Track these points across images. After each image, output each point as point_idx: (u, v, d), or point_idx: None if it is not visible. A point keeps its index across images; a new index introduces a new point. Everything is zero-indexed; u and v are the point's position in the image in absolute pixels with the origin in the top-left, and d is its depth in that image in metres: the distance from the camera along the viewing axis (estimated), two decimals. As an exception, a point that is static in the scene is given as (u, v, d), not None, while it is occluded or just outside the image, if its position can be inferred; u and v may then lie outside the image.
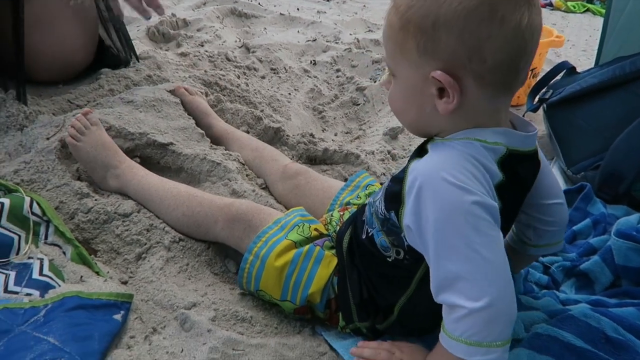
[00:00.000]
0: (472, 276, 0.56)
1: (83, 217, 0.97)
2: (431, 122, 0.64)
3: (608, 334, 0.77)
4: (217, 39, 2.04)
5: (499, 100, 0.62)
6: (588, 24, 3.08)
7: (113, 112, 1.19)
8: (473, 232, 0.56)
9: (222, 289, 0.90)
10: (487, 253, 0.56)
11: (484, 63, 0.57)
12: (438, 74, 0.58)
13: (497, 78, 0.59)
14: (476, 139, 0.61)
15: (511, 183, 0.63)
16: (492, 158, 0.61)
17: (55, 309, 0.74)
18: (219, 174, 1.12)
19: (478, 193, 0.57)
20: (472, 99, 0.60)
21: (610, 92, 1.24)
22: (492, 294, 0.55)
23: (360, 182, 1.02)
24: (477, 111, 0.61)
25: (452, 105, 0.59)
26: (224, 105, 1.41)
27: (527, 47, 0.58)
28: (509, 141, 0.62)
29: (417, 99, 0.63)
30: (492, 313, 0.55)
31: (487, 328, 0.56)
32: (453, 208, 0.57)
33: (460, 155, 0.60)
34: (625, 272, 0.93)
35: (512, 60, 0.58)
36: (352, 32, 2.33)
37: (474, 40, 0.56)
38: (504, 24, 0.56)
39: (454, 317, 0.57)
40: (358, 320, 0.78)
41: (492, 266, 0.56)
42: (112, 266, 0.93)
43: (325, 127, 1.58)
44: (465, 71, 0.58)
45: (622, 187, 1.15)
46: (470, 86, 0.59)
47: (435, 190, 0.58)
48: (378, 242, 0.73)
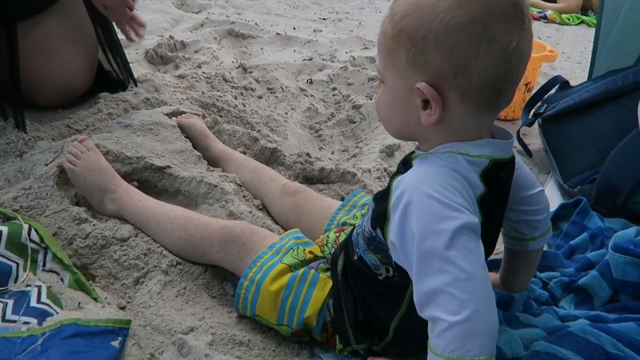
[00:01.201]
0: (451, 290, 0.55)
1: (81, 243, 0.98)
2: (415, 132, 0.66)
3: (608, 350, 0.76)
4: (215, 60, 2.06)
5: (482, 117, 0.62)
6: (583, 36, 3.10)
7: (111, 136, 1.20)
8: (452, 246, 0.56)
9: (220, 312, 0.90)
10: (467, 266, 0.56)
11: (469, 80, 0.58)
12: (423, 85, 0.59)
13: (481, 96, 0.59)
14: (459, 153, 0.62)
15: (494, 193, 0.64)
16: (475, 171, 0.62)
17: (52, 337, 0.74)
18: (215, 196, 1.13)
19: (460, 208, 0.58)
20: (454, 114, 0.61)
21: (603, 106, 1.26)
22: (472, 307, 0.55)
23: (357, 202, 1.03)
24: (460, 126, 0.62)
25: (433, 117, 0.60)
26: (221, 126, 1.42)
27: (513, 70, 0.59)
28: (492, 151, 0.63)
29: (402, 108, 0.64)
30: (472, 326, 0.55)
31: (469, 342, 0.55)
32: (434, 223, 0.57)
33: (443, 170, 0.61)
34: (624, 286, 0.93)
35: (497, 81, 0.59)
36: (348, 50, 2.36)
37: (462, 57, 0.57)
38: (493, 45, 0.56)
39: (436, 331, 0.57)
40: (355, 342, 0.78)
41: (471, 279, 0.56)
42: (110, 291, 0.93)
43: (322, 145, 1.59)
44: (450, 86, 0.59)
45: (618, 200, 1.15)
46: (454, 101, 0.60)
47: (418, 204, 0.58)
48: (368, 261, 0.73)
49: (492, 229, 0.71)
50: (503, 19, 0.56)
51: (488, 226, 0.64)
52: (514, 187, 0.73)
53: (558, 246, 1.11)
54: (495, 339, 0.58)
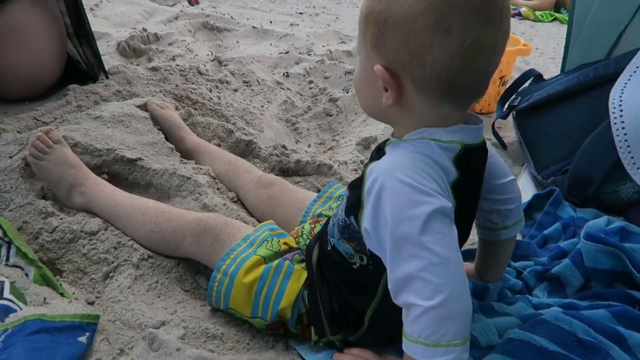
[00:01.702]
0: (425, 274, 0.55)
1: (48, 237, 0.94)
2: (382, 112, 0.65)
3: (580, 337, 0.77)
4: (189, 53, 2.02)
5: (443, 107, 0.61)
6: (556, 33, 3.16)
7: (80, 128, 1.16)
8: (426, 231, 0.56)
9: (193, 306, 0.88)
10: (440, 250, 0.55)
11: (423, 69, 0.57)
12: (378, 68, 0.59)
13: (437, 87, 0.58)
14: (432, 139, 0.61)
15: (467, 178, 0.63)
16: (448, 157, 0.62)
17: (15, 333, 0.71)
18: (189, 189, 1.10)
19: (433, 193, 0.57)
20: (412, 101, 0.61)
21: (575, 98, 1.27)
22: (446, 292, 0.54)
23: (333, 193, 1.02)
24: (421, 113, 0.62)
25: (389, 101, 0.61)
26: (195, 119, 1.40)
27: (471, 65, 0.57)
28: (463, 137, 0.63)
29: (369, 87, 0.64)
30: (446, 310, 0.55)
31: (443, 326, 0.55)
32: (407, 208, 0.56)
33: (416, 156, 0.60)
34: (595, 274, 0.94)
35: (452, 74, 0.57)
36: (324, 44, 2.35)
37: (417, 45, 0.56)
38: (448, 38, 0.55)
39: (411, 317, 0.56)
40: (330, 333, 0.77)
41: (445, 264, 0.55)
42: (78, 287, 0.90)
43: (298, 138, 1.58)
44: (405, 73, 0.59)
45: (590, 190, 1.17)
46: (410, 89, 0.60)
47: (391, 190, 0.58)
48: (342, 250, 0.72)
49: (466, 215, 0.70)
50: (464, 12, 0.55)
51: (462, 212, 0.64)
52: (486, 176, 0.73)
53: (532, 236, 1.12)
54: (469, 323, 0.58)
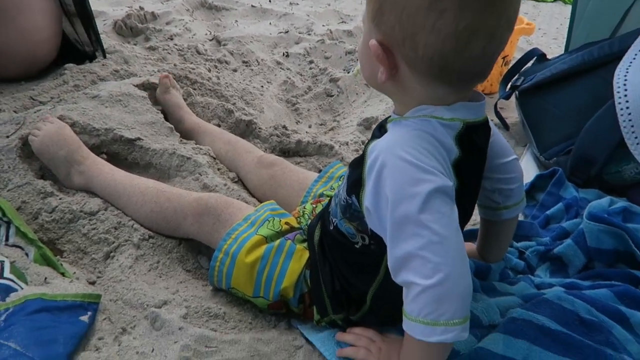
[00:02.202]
0: (425, 253, 0.54)
1: (47, 217, 0.94)
2: (381, 85, 0.64)
3: (582, 316, 0.77)
4: (187, 32, 1.99)
5: (437, 89, 0.60)
6: (559, 13, 3.12)
7: (77, 107, 1.15)
8: (426, 209, 0.55)
9: (195, 286, 0.88)
10: (440, 229, 0.55)
11: (415, 51, 0.56)
12: (373, 43, 0.58)
13: (429, 70, 0.57)
14: (433, 116, 0.60)
15: (469, 156, 0.63)
16: (450, 134, 0.60)
17: (16, 312, 0.71)
18: (189, 169, 1.09)
19: (434, 171, 0.57)
20: (405, 80, 0.60)
21: (579, 78, 1.25)
22: (445, 271, 0.54)
23: (334, 173, 1.01)
24: (416, 92, 0.61)
25: (383, 76, 0.60)
26: (194, 99, 1.38)
27: (464, 50, 0.55)
28: (465, 114, 0.62)
29: (368, 60, 0.63)
30: (445, 289, 0.54)
31: (442, 305, 0.54)
32: (407, 186, 0.56)
33: (417, 133, 0.59)
34: (598, 254, 0.94)
35: (444, 58, 0.55)
36: (325, 24, 2.31)
37: (410, 25, 0.55)
38: (441, 20, 0.53)
39: (410, 296, 0.56)
40: (333, 312, 0.77)
41: (444, 242, 0.55)
42: (79, 266, 0.90)
43: (299, 119, 1.57)
44: (398, 51, 0.58)
45: (593, 170, 1.16)
46: (403, 67, 0.59)
47: (392, 168, 0.57)
48: (344, 230, 0.72)
49: (468, 194, 0.69)
50: None
51: (464, 191, 0.63)
52: (488, 155, 0.72)
53: (534, 216, 1.11)
54: (469, 302, 0.57)
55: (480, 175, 0.72)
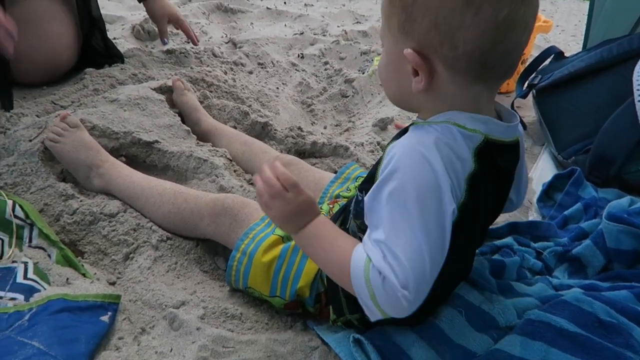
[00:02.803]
0: (402, 254, 0.54)
1: (68, 219, 0.96)
2: (409, 98, 0.64)
3: (601, 318, 0.76)
4: (203, 35, 2.02)
5: (473, 89, 0.60)
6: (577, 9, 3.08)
7: (97, 111, 1.17)
8: (421, 209, 0.55)
9: (212, 287, 0.89)
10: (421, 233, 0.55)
11: (455, 50, 0.56)
12: (409, 52, 0.58)
13: (468, 67, 0.57)
14: (455, 124, 0.60)
15: (486, 173, 0.62)
16: (469, 146, 0.60)
17: (40, 312, 0.73)
18: (205, 171, 1.11)
19: (443, 178, 0.56)
20: (443, 83, 0.59)
21: (598, 75, 1.24)
22: (412, 284, 0.54)
23: (350, 174, 1.01)
24: (451, 96, 0.61)
25: (421, 85, 0.59)
26: (211, 101, 1.39)
27: (503, 42, 0.56)
28: (489, 130, 0.61)
29: (396, 74, 0.63)
30: (410, 295, 0.55)
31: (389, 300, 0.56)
32: (420, 183, 0.56)
33: (435, 141, 0.59)
34: (617, 255, 0.92)
35: (484, 53, 0.56)
36: (339, 24, 2.32)
37: (447, 26, 0.55)
38: (479, 15, 0.54)
39: (383, 285, 0.55)
40: (349, 312, 0.77)
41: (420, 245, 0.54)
42: (100, 267, 0.91)
43: (314, 120, 1.57)
44: (436, 55, 0.57)
45: (612, 170, 1.15)
46: (441, 71, 0.58)
47: (408, 167, 0.57)
48: (350, 227, 0.72)
49: (482, 210, 0.67)
50: None
51: (477, 207, 0.62)
52: None
53: (552, 217, 1.10)
54: None
55: (502, 194, 0.71)
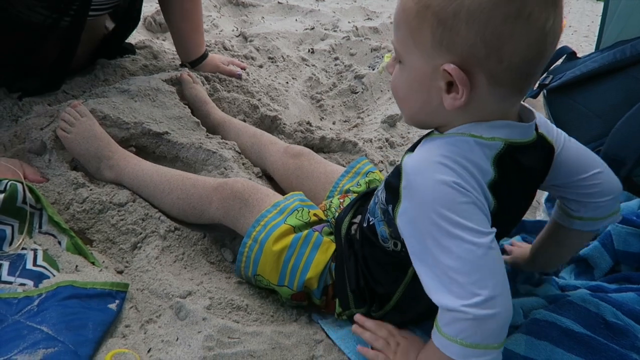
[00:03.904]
0: (466, 275, 0.54)
1: (78, 207, 0.97)
2: (434, 116, 0.61)
3: (607, 319, 0.76)
4: (214, 28, 2.02)
5: (509, 101, 0.59)
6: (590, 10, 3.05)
7: (108, 101, 1.18)
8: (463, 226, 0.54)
9: (218, 278, 0.90)
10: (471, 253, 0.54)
11: (500, 62, 0.54)
12: (451, 67, 0.54)
13: (511, 79, 0.55)
14: (471, 135, 0.58)
15: (510, 177, 0.60)
16: (487, 155, 0.58)
17: (49, 298, 0.74)
18: (214, 163, 1.11)
19: (471, 192, 0.56)
20: (481, 98, 0.57)
21: (610, 76, 1.22)
22: (487, 295, 0.53)
23: (361, 169, 1.01)
24: (485, 110, 0.58)
25: (459, 102, 0.56)
26: (221, 94, 1.40)
27: (547, 51, 0.55)
28: (509, 134, 0.59)
29: (423, 91, 0.59)
30: (488, 315, 0.53)
31: (484, 330, 0.54)
32: (441, 205, 0.55)
33: (450, 151, 0.57)
34: (625, 257, 0.92)
35: (529, 62, 0.55)
36: (350, 20, 2.31)
37: (496, 37, 0.52)
38: (530, 24, 0.52)
39: (447, 318, 0.56)
40: (355, 306, 0.77)
41: (486, 264, 0.54)
42: (108, 256, 0.92)
43: (323, 115, 1.57)
44: (479, 68, 0.54)
45: (622, 172, 1.14)
46: (482, 84, 0.55)
47: (423, 187, 0.56)
48: (379, 231, 0.72)
49: (508, 214, 0.67)
50: None
51: (504, 211, 0.61)
52: (556, 174, 0.70)
53: (560, 217, 1.09)
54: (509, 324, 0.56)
55: (528, 195, 0.69)
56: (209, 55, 1.51)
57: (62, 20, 1.18)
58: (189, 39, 1.47)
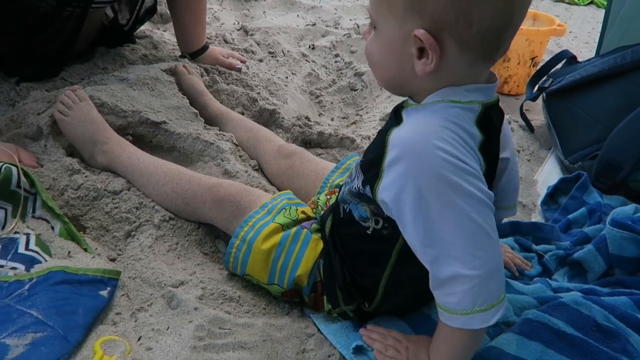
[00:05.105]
0: (469, 244, 0.56)
1: (73, 194, 0.96)
2: (408, 82, 0.62)
3: (599, 322, 0.76)
4: (216, 21, 2.01)
5: (478, 67, 0.60)
6: (591, 17, 3.05)
7: (106, 89, 1.17)
8: (464, 198, 0.56)
9: (211, 269, 0.89)
10: (478, 218, 0.56)
11: (469, 28, 0.55)
12: (421, 32, 0.55)
13: (481, 45, 0.56)
14: (451, 101, 0.59)
15: (490, 138, 0.62)
16: (470, 119, 0.60)
17: (40, 283, 0.73)
18: (211, 154, 1.11)
19: (469, 163, 0.56)
20: (451, 63, 0.58)
21: (610, 81, 1.23)
22: (486, 257, 0.56)
23: (351, 165, 1.01)
24: (455, 75, 0.60)
25: (429, 67, 0.57)
26: (219, 86, 1.39)
27: (514, 18, 0.56)
28: (482, 96, 0.61)
29: (396, 57, 0.60)
30: (490, 276, 0.57)
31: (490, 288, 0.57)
32: (441, 177, 0.56)
33: (441, 121, 0.58)
34: (619, 261, 0.92)
35: (497, 29, 0.56)
36: (352, 18, 2.30)
37: (464, 2, 0.54)
38: None
39: (461, 289, 0.57)
40: (344, 304, 0.77)
41: (484, 232, 0.56)
42: (101, 243, 0.92)
43: (322, 111, 1.57)
44: (449, 33, 0.55)
45: (619, 177, 1.14)
46: (452, 50, 0.57)
47: (424, 160, 0.56)
48: (357, 214, 0.71)
49: (493, 172, 0.68)
50: None
51: (490, 170, 0.64)
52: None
53: (555, 220, 1.10)
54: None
55: (498, 155, 0.70)
56: (209, 47, 1.51)
57: (65, 10, 1.18)
58: (191, 30, 1.46)
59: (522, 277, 0.93)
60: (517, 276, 0.93)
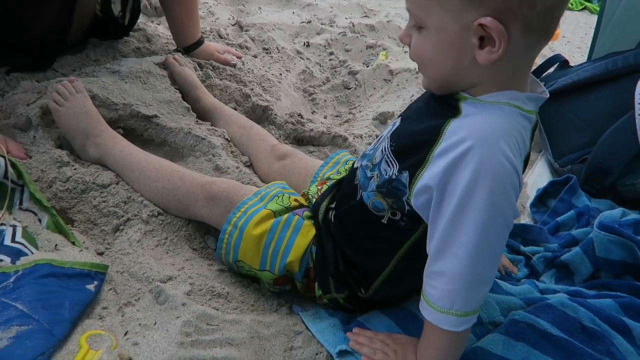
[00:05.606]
0: (476, 256, 0.57)
1: (61, 186, 0.95)
2: (466, 76, 0.60)
3: (584, 324, 0.77)
4: (210, 16, 2.00)
5: (536, 49, 0.60)
6: (584, 22, 3.07)
7: (97, 81, 1.16)
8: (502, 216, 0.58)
9: (200, 264, 0.89)
10: (499, 241, 0.59)
11: (533, 8, 0.53)
12: (488, 20, 0.54)
13: (542, 24, 0.56)
14: (516, 106, 0.59)
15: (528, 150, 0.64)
16: (527, 129, 0.61)
17: (25, 275, 0.72)
18: (203, 149, 1.10)
19: (519, 175, 0.58)
20: (515, 48, 0.56)
21: (601, 86, 1.24)
22: (481, 277, 0.59)
23: (341, 159, 1.01)
24: (516, 61, 0.58)
25: (496, 54, 0.55)
26: (213, 81, 1.38)
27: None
28: (537, 106, 0.62)
29: (453, 51, 0.58)
30: (476, 288, 0.59)
31: (471, 298, 0.60)
32: (496, 183, 0.56)
33: (510, 125, 0.58)
34: (605, 264, 0.93)
35: (556, 6, 0.55)
36: (347, 17, 2.30)
37: None
38: None
39: (446, 288, 0.59)
40: (335, 291, 0.77)
41: (494, 255, 0.60)
42: (89, 237, 0.91)
43: (315, 109, 1.57)
44: (514, 17, 0.54)
45: (607, 181, 1.15)
46: (516, 34, 0.55)
47: (488, 156, 0.56)
48: (369, 203, 0.70)
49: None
50: None
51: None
52: None
53: (544, 222, 1.11)
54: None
55: None
56: (204, 42, 1.50)
57: None
58: (183, 22, 1.45)
59: (510, 279, 0.93)
60: (504, 276, 0.94)
